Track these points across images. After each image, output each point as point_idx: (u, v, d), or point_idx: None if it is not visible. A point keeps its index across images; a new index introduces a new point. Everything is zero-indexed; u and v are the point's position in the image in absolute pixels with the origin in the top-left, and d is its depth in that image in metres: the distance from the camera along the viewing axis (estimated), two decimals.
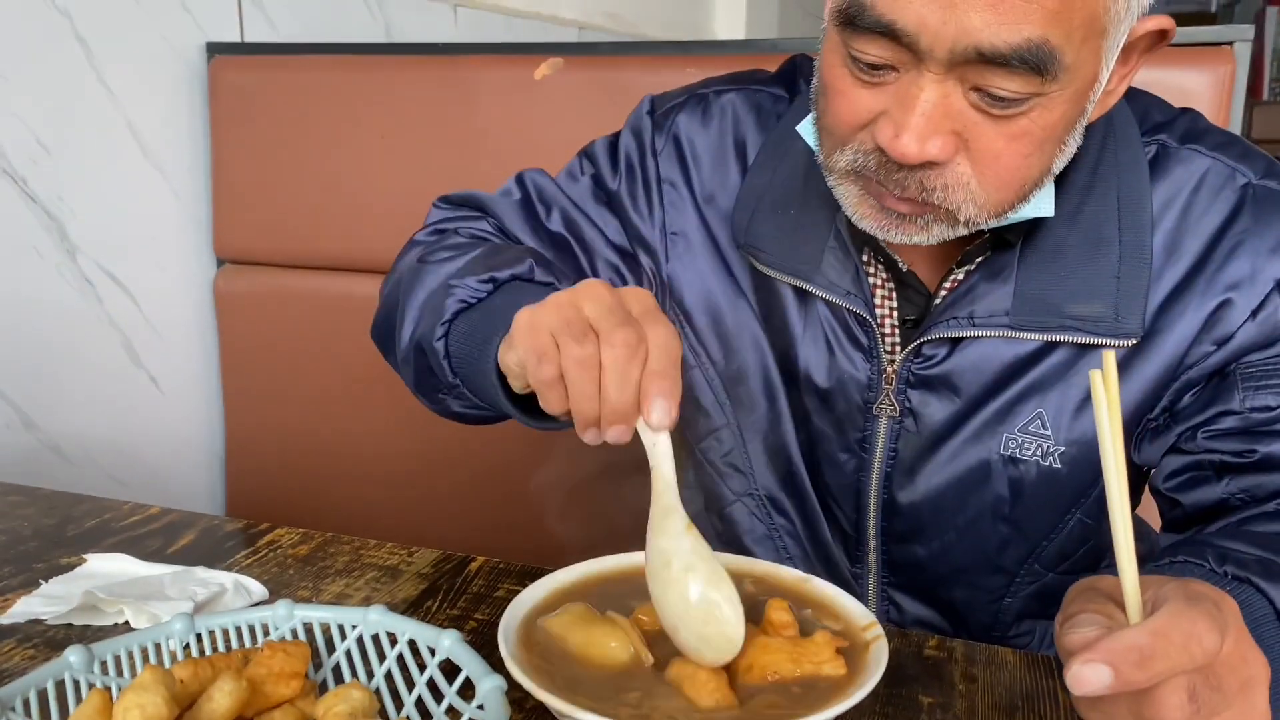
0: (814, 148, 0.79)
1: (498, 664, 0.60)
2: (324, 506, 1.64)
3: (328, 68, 1.57)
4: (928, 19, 0.64)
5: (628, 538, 0.81)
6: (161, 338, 1.57)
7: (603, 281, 0.64)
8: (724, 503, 0.96)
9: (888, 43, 0.67)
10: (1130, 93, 0.85)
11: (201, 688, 0.58)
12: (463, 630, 0.66)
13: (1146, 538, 0.99)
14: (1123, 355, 0.80)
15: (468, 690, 0.61)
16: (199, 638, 0.66)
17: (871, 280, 0.85)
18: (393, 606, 0.71)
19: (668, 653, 0.60)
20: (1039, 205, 0.77)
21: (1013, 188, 0.72)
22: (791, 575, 0.69)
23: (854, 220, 0.76)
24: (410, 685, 0.63)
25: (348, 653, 0.66)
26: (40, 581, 0.80)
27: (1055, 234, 0.80)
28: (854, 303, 0.83)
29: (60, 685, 0.60)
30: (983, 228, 0.75)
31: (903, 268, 0.83)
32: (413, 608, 0.77)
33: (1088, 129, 0.78)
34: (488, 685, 0.59)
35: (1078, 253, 0.79)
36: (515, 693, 0.60)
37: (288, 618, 0.68)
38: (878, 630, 0.61)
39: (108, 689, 0.59)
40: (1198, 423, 0.79)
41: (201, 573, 0.81)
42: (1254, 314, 0.78)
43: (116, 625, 0.74)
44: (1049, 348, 0.81)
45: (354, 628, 0.67)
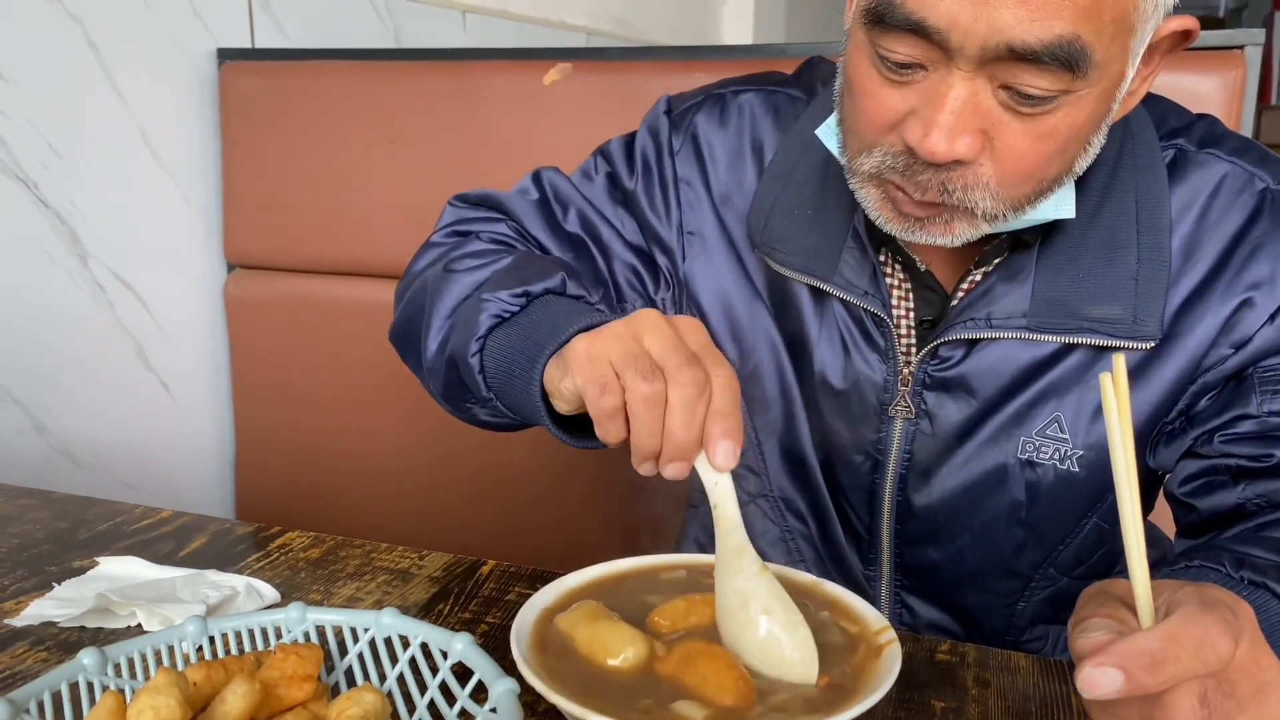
0: (834, 152, 0.79)
1: (510, 667, 0.60)
2: (334, 510, 1.64)
3: (338, 73, 1.57)
4: (959, 16, 0.64)
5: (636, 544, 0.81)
6: (172, 342, 1.57)
7: (657, 312, 0.64)
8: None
9: (917, 40, 0.66)
10: (1147, 97, 0.84)
11: (215, 690, 0.58)
12: (474, 633, 0.66)
13: (1159, 543, 0.99)
14: (1140, 359, 0.80)
15: (480, 693, 0.61)
16: (211, 640, 0.66)
17: (889, 280, 0.84)
18: (404, 610, 0.71)
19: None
20: (1060, 206, 0.77)
21: (1032, 183, 0.72)
22: (805, 578, 0.69)
23: (879, 224, 0.76)
24: (423, 688, 0.63)
25: (360, 656, 0.66)
26: (53, 584, 0.80)
27: (1073, 236, 0.80)
28: (871, 303, 0.83)
29: (74, 687, 0.60)
30: (1004, 227, 0.75)
31: (921, 267, 0.83)
32: (424, 611, 0.77)
33: (1108, 135, 0.78)
34: (500, 688, 0.59)
35: (1096, 255, 0.79)
36: (528, 696, 0.60)
37: (300, 620, 0.68)
38: (891, 635, 0.61)
39: (121, 691, 0.60)
40: (1214, 427, 0.79)
41: (213, 576, 0.81)
42: (1272, 318, 0.78)
43: (129, 628, 0.74)
44: (1066, 350, 0.81)
45: (366, 631, 0.67)
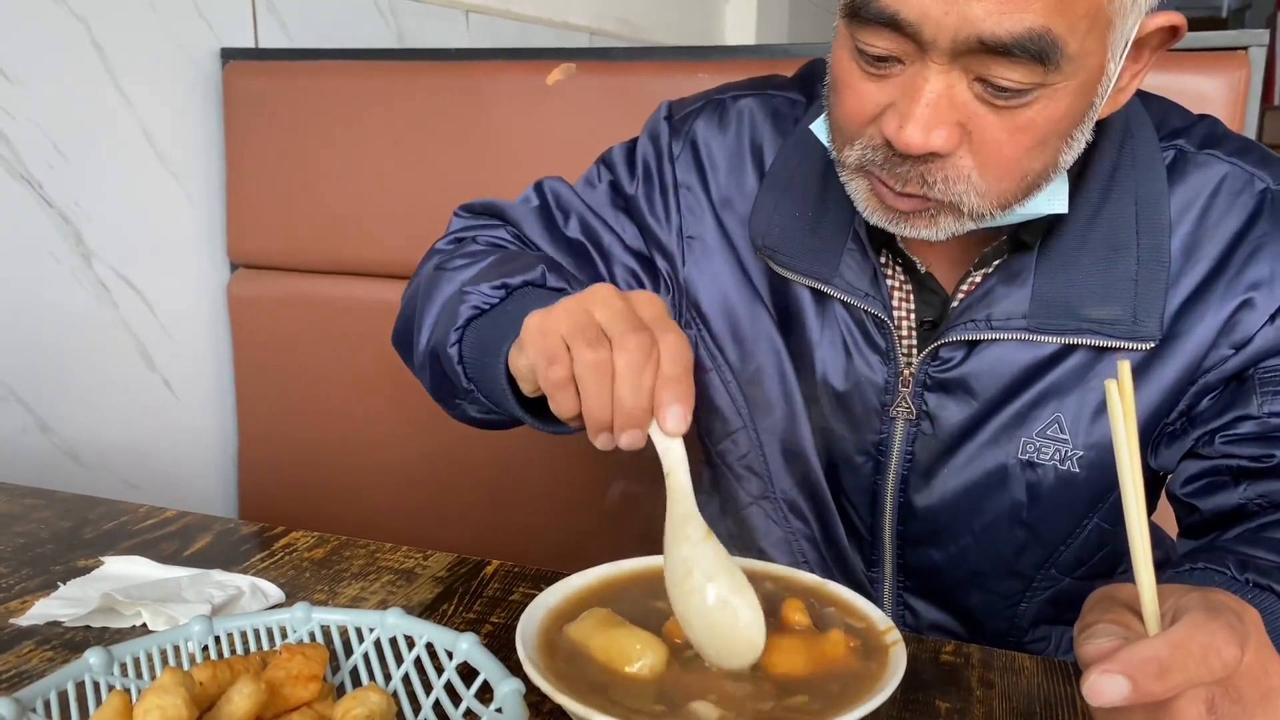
0: (825, 144, 0.80)
1: (515, 667, 0.60)
2: (337, 510, 1.64)
3: (341, 73, 1.58)
4: (930, 9, 0.65)
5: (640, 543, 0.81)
6: (176, 342, 1.58)
7: (611, 286, 0.64)
8: (740, 506, 0.96)
9: (892, 34, 0.67)
10: (1148, 98, 0.85)
11: (220, 690, 0.58)
12: (479, 633, 0.66)
13: (1161, 544, 0.99)
14: (1140, 359, 0.80)
15: (485, 693, 0.61)
16: (217, 640, 0.66)
17: (890, 282, 0.85)
18: (409, 609, 0.71)
19: (694, 663, 0.60)
20: (1052, 201, 0.77)
21: (1015, 178, 0.72)
22: (810, 579, 0.69)
23: (865, 215, 0.77)
24: (428, 688, 0.63)
25: (365, 655, 0.66)
26: (58, 584, 0.80)
27: (1073, 236, 0.80)
28: (872, 304, 0.83)
29: (80, 687, 0.60)
30: (992, 223, 0.75)
31: (921, 269, 0.83)
32: (429, 611, 0.78)
33: (1105, 131, 0.78)
34: (506, 688, 0.59)
35: (1095, 255, 0.79)
36: (533, 696, 0.60)
37: (305, 620, 0.68)
38: (896, 635, 0.61)
39: (127, 691, 0.60)
40: (1215, 427, 0.79)
41: (218, 575, 0.81)
42: (1273, 318, 0.78)
43: (134, 627, 0.74)
44: (1066, 351, 0.81)
45: (371, 631, 0.67)
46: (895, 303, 0.85)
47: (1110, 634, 0.52)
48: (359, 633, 0.68)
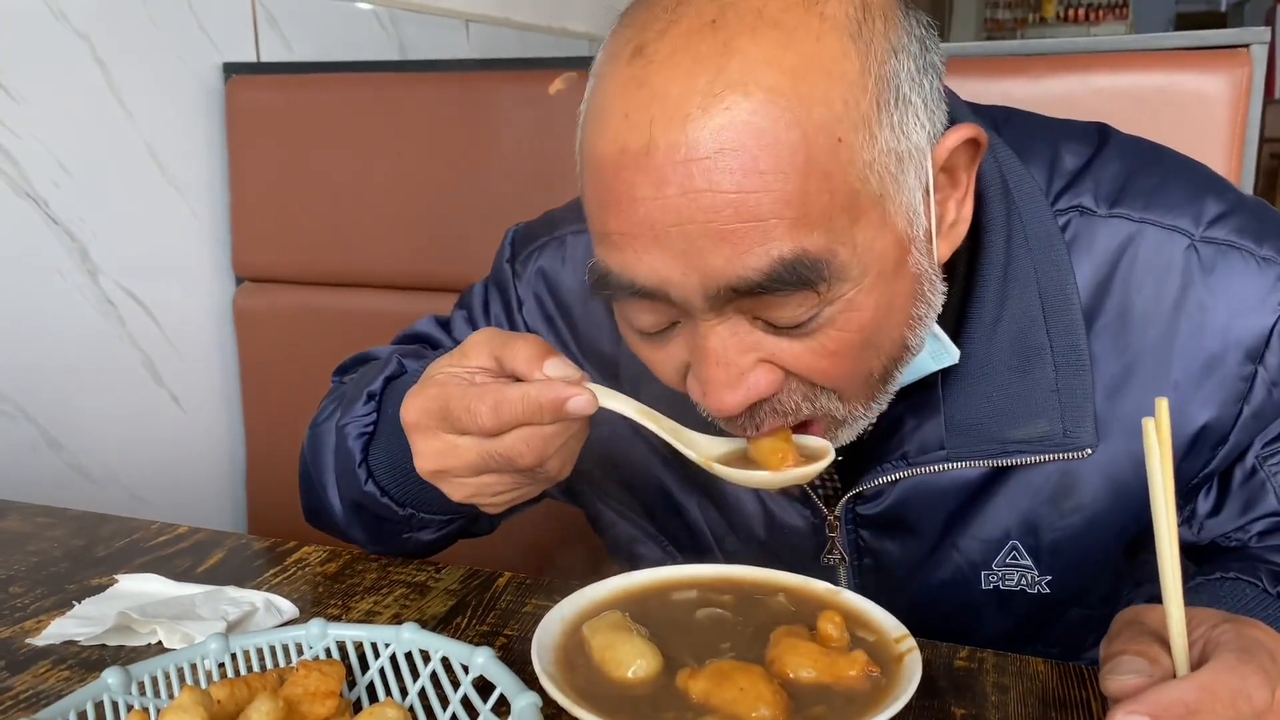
0: None
1: (530, 680, 0.60)
2: None
3: (343, 86, 1.58)
4: (668, 274, 0.59)
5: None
6: (182, 356, 1.58)
7: (416, 396, 0.67)
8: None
9: (647, 303, 0.62)
10: (1027, 138, 0.76)
11: (238, 708, 0.58)
12: (493, 646, 0.66)
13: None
14: (1090, 462, 0.73)
15: (502, 707, 0.61)
16: (233, 657, 0.66)
17: None
18: (422, 623, 0.71)
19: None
20: (938, 356, 0.70)
21: (860, 378, 0.65)
22: (823, 587, 0.69)
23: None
24: (444, 703, 0.63)
25: (381, 671, 0.66)
26: (72, 602, 0.80)
27: (977, 351, 0.72)
28: None
29: (99, 707, 0.60)
30: (880, 406, 0.69)
31: None
32: (442, 624, 0.78)
33: (984, 217, 0.71)
34: (522, 702, 0.59)
35: (1006, 367, 0.71)
36: (549, 709, 0.60)
37: (321, 637, 0.68)
38: (911, 643, 0.61)
39: (146, 710, 0.60)
40: (1234, 529, 0.75)
41: (233, 592, 0.81)
42: (1246, 399, 0.72)
43: (150, 645, 0.75)
44: (1000, 470, 0.74)
45: (387, 646, 0.67)
46: None
47: (1136, 670, 0.51)
48: (374, 648, 0.68)
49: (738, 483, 0.67)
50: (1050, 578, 0.77)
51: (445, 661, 0.66)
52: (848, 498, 0.78)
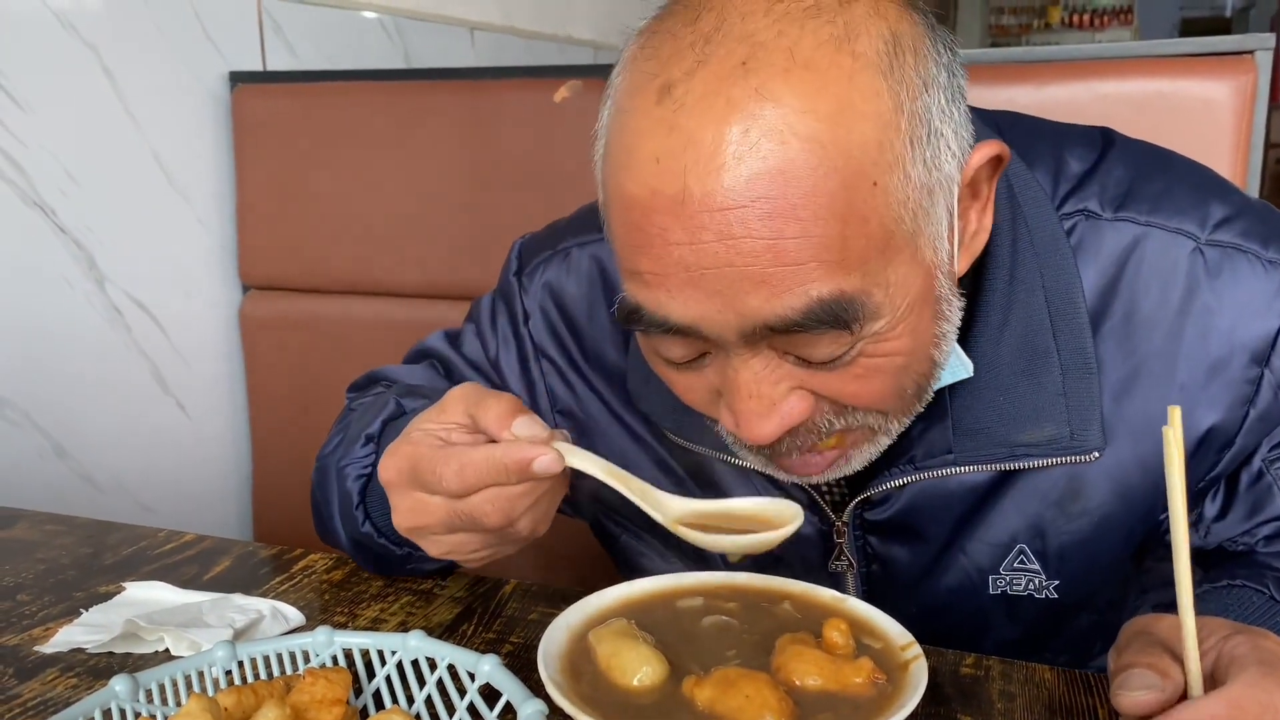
0: None
1: (536, 687, 0.60)
2: None
3: (349, 94, 1.59)
4: (704, 312, 0.59)
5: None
6: (189, 364, 1.59)
7: (391, 455, 0.68)
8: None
9: (680, 338, 0.62)
10: (1030, 143, 0.76)
11: (246, 715, 0.59)
12: (499, 654, 0.66)
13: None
14: (1097, 464, 0.72)
15: (508, 715, 0.61)
16: (240, 665, 0.67)
17: None
18: (428, 631, 0.71)
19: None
20: (955, 371, 0.70)
21: (895, 400, 0.66)
22: (828, 594, 0.69)
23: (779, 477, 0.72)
24: (451, 710, 0.64)
25: (388, 678, 0.67)
26: (80, 610, 0.81)
27: (984, 355, 0.72)
28: (777, 469, 0.73)
29: (107, 714, 0.60)
30: (905, 425, 0.69)
31: None
32: (448, 631, 0.78)
33: (993, 225, 0.70)
34: (529, 710, 0.59)
35: (1014, 372, 0.71)
36: (556, 716, 0.60)
37: (328, 644, 0.68)
38: (917, 650, 0.61)
39: (154, 717, 0.60)
40: (1240, 534, 0.75)
41: (239, 599, 0.81)
42: (1252, 401, 0.72)
43: (157, 653, 0.75)
44: (1007, 473, 0.75)
45: (394, 653, 0.68)
46: None
47: (1148, 684, 0.51)
48: (381, 655, 0.68)
49: (703, 546, 0.66)
50: (1058, 582, 0.77)
51: (451, 669, 0.66)
52: (855, 503, 0.78)
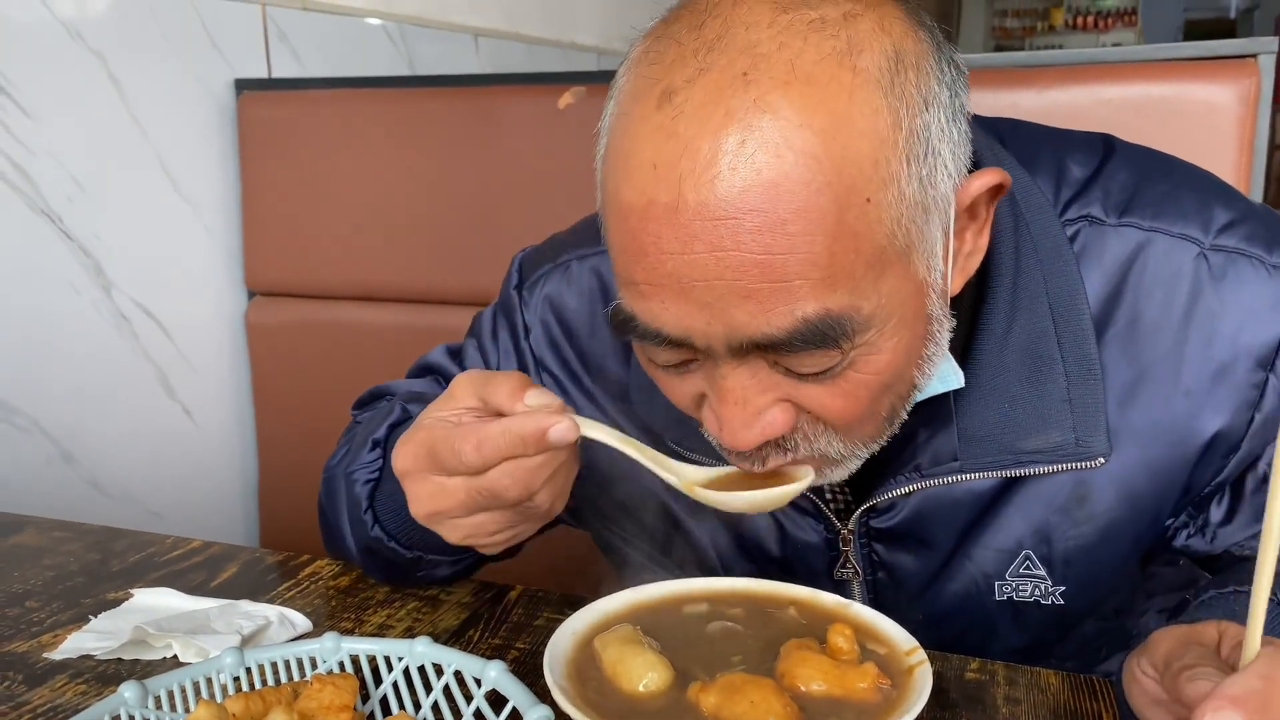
0: None
1: (542, 693, 0.60)
2: None
3: (354, 101, 1.59)
4: (692, 324, 0.59)
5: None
6: (195, 370, 1.59)
7: (405, 444, 0.69)
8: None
9: (670, 346, 0.62)
10: (1033, 150, 0.76)
11: None
12: (505, 659, 0.67)
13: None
14: (1101, 471, 0.73)
15: None
16: (248, 671, 0.67)
17: None
18: (435, 636, 0.71)
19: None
20: (945, 381, 0.70)
21: (873, 421, 0.66)
22: (832, 600, 0.69)
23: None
24: (457, 716, 0.64)
25: (395, 684, 0.67)
26: (88, 616, 0.81)
27: (988, 362, 0.72)
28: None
29: None
30: (880, 443, 0.69)
31: None
32: (454, 637, 0.78)
33: (995, 233, 0.71)
34: (535, 715, 0.59)
35: (1020, 378, 0.71)
36: None
37: (335, 650, 0.68)
38: (921, 655, 0.62)
39: None
40: (1245, 539, 0.76)
41: (247, 606, 0.82)
42: (1258, 406, 0.72)
43: (165, 659, 0.75)
44: (1013, 480, 0.75)
45: (400, 660, 0.68)
46: None
47: (1210, 678, 0.52)
48: (388, 661, 0.68)
49: (719, 505, 0.68)
50: (1064, 588, 0.77)
51: (458, 675, 0.66)
52: (861, 511, 0.78)
